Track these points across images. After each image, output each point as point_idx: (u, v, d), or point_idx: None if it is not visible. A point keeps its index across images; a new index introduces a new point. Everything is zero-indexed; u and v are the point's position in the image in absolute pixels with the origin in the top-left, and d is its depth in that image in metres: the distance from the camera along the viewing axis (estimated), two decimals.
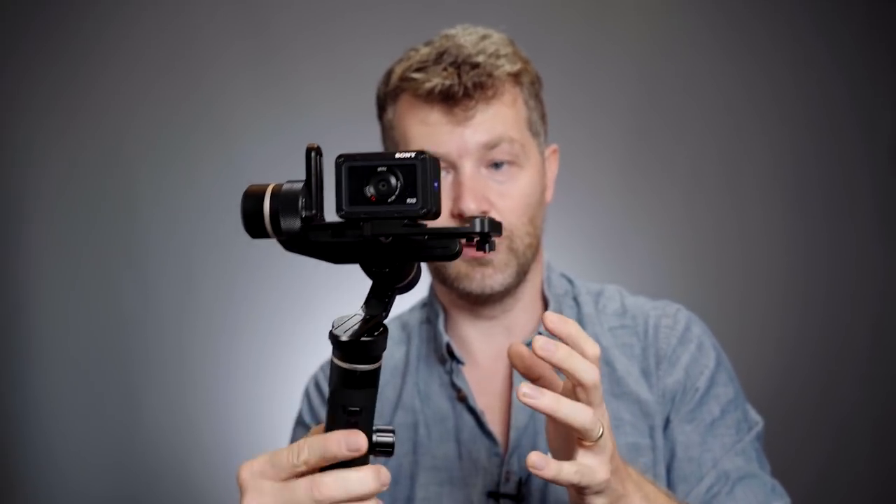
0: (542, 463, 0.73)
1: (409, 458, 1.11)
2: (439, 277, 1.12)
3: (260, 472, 0.72)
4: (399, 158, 0.64)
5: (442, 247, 0.66)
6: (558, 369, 0.75)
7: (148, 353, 2.27)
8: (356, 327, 0.67)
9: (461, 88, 1.03)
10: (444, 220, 1.07)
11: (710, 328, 1.17)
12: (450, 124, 1.05)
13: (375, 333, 0.68)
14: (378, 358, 0.70)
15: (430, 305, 1.20)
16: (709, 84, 2.34)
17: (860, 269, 2.32)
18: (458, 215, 1.05)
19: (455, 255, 0.67)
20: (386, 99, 1.12)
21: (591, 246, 2.31)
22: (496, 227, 0.67)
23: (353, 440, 0.69)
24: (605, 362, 1.11)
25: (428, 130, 1.06)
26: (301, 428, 1.22)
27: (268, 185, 0.66)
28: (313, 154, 0.66)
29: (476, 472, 1.08)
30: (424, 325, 1.20)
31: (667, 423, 1.07)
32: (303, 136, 0.69)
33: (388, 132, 1.13)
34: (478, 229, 0.65)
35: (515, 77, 1.09)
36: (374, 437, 0.72)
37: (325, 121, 2.18)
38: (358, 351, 0.68)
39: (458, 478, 1.08)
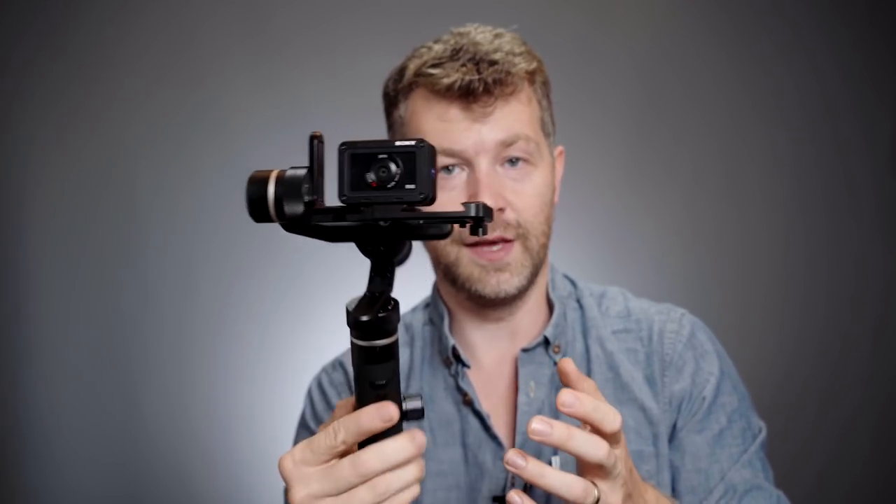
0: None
1: None
2: (449, 279, 1.09)
3: (301, 461, 0.74)
4: (399, 146, 0.66)
5: (436, 227, 0.70)
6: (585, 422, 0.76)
7: (148, 353, 2.27)
8: (368, 306, 0.70)
9: (481, 84, 1.01)
10: None
11: (710, 329, 1.16)
12: (467, 120, 1.03)
13: (389, 308, 0.71)
14: (394, 331, 0.72)
15: (433, 306, 1.18)
16: (709, 84, 2.34)
17: (860, 270, 2.32)
18: None
19: (447, 235, 0.70)
20: (398, 95, 1.10)
21: (591, 246, 2.31)
22: (489, 212, 0.70)
23: (385, 411, 0.72)
24: (610, 367, 1.10)
25: (444, 126, 1.04)
26: (304, 430, 1.20)
27: (271, 171, 0.68)
28: (315, 142, 0.68)
29: (482, 476, 1.07)
30: (427, 327, 1.18)
31: (673, 431, 1.07)
32: (302, 136, 0.70)
33: (400, 128, 1.10)
34: (472, 213, 0.69)
35: (531, 76, 1.08)
36: (404, 405, 0.75)
37: (325, 120, 2.15)
38: (374, 327, 0.70)
39: (464, 483, 1.08)
